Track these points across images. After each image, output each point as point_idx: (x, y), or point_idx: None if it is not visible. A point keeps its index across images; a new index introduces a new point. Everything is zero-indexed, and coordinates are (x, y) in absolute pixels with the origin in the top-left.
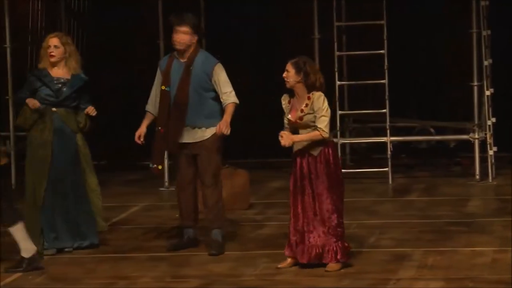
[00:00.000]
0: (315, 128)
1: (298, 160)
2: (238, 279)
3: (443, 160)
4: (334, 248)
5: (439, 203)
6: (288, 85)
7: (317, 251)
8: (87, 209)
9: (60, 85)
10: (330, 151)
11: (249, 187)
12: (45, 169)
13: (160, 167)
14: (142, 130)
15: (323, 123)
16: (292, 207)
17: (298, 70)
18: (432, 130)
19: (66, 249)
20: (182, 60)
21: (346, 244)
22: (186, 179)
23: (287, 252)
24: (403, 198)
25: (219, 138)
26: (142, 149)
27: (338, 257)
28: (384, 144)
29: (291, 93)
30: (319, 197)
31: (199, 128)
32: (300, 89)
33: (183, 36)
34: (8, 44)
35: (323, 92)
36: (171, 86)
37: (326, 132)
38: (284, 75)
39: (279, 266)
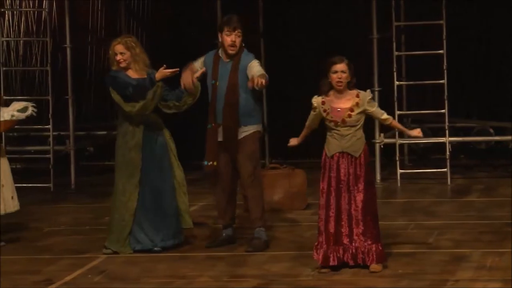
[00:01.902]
0: (360, 127)
1: (336, 161)
2: (295, 279)
3: (502, 160)
4: (374, 250)
5: (498, 204)
6: (341, 87)
7: (356, 253)
8: (174, 210)
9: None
10: (366, 153)
11: (306, 187)
12: (136, 171)
13: (215, 163)
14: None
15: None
16: (325, 210)
17: (351, 71)
18: (491, 130)
19: (152, 250)
20: (227, 60)
21: (381, 246)
22: (225, 178)
23: (316, 255)
24: (462, 199)
25: (258, 137)
26: (202, 149)
27: (379, 258)
28: (442, 144)
29: (322, 93)
30: (355, 198)
31: (240, 126)
32: (344, 88)
33: (238, 39)
34: (68, 43)
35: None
36: (219, 83)
37: None
38: (339, 76)
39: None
